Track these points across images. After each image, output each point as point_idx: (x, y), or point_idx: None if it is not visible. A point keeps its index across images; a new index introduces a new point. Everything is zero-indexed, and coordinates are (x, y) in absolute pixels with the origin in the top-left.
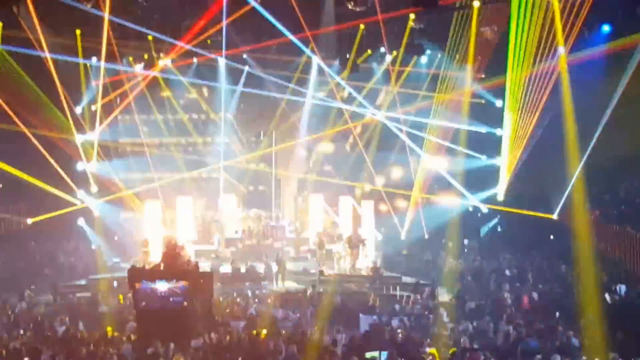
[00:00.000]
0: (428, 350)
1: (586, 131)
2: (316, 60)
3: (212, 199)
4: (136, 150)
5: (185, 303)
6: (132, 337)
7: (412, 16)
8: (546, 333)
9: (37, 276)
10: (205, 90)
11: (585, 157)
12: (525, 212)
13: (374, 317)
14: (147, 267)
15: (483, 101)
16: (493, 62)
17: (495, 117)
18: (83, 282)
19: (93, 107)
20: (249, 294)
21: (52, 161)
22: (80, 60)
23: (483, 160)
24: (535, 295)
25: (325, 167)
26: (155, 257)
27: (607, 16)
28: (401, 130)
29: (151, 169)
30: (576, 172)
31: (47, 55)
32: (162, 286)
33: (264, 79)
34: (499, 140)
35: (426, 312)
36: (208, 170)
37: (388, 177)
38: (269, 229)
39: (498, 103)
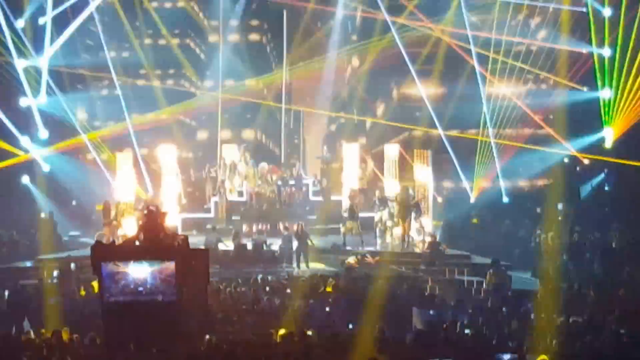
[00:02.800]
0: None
1: None
2: None
3: (206, 148)
4: (102, 80)
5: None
6: (97, 340)
7: None
8: None
9: None
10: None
11: None
12: None
13: (432, 311)
14: (117, 242)
15: (584, 10)
16: None
17: (600, 34)
18: (28, 263)
19: (40, 21)
20: (259, 280)
21: None
22: None
23: (584, 92)
24: None
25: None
26: (128, 228)
27: None
28: (470, 52)
29: (122, 106)
30: None
31: None
32: (139, 270)
33: None
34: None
35: (504, 306)
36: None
37: (452, 117)
38: (286, 189)
39: (606, 12)
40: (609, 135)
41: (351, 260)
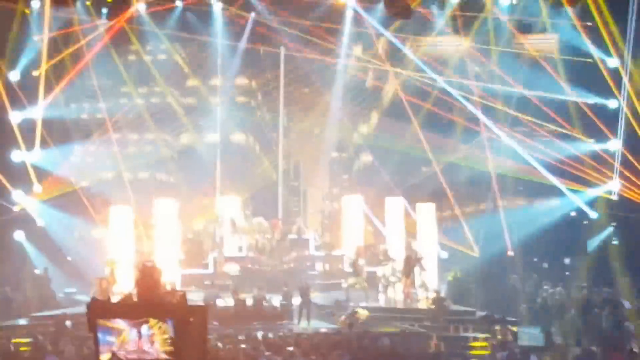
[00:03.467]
0: None
1: None
2: (351, 3)
3: (203, 201)
4: (98, 134)
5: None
6: None
7: None
8: None
9: None
10: (191, 50)
11: None
12: None
13: None
14: (113, 299)
15: (589, 60)
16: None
17: (606, 83)
18: (23, 321)
19: (35, 73)
20: (260, 337)
21: None
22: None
23: (590, 144)
24: None
25: (365, 157)
26: (124, 284)
27: None
28: (473, 104)
29: (118, 160)
30: None
31: None
32: (136, 327)
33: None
34: (612, 115)
35: None
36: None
37: (453, 170)
38: (286, 244)
39: (612, 62)
40: (616, 188)
41: (342, 318)
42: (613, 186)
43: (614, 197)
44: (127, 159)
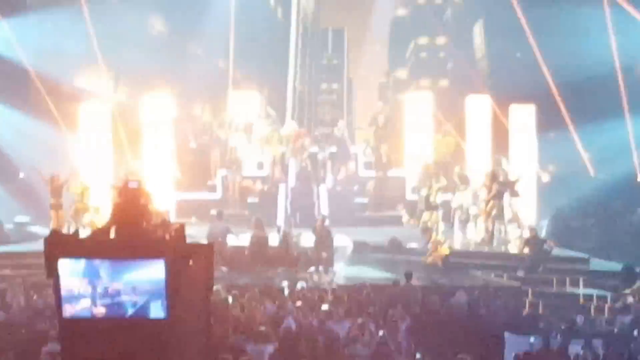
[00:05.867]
0: None
1: None
2: None
3: (212, 97)
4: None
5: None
6: None
7: None
8: None
9: None
10: None
11: None
12: None
13: (533, 338)
14: (82, 231)
15: None
16: None
17: None
18: None
19: None
20: (285, 289)
21: None
22: None
23: None
24: None
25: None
26: (98, 212)
27: None
28: None
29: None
30: None
31: None
32: (113, 272)
33: None
34: None
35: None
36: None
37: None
38: (323, 160)
39: None
40: None
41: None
42: None
43: None
44: (105, 37)
